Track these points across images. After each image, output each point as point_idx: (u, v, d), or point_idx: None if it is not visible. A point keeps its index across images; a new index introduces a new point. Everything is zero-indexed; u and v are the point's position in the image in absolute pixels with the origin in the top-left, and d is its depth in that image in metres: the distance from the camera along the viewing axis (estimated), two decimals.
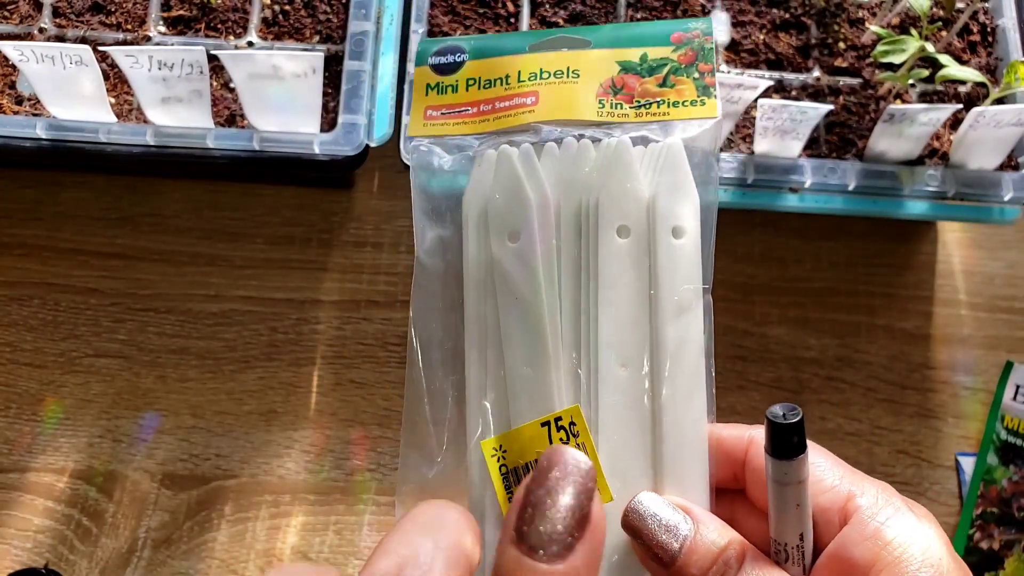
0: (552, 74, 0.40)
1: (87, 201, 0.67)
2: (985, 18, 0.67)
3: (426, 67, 0.41)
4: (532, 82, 0.40)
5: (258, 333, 0.65)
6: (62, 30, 0.62)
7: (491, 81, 0.40)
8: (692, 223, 0.36)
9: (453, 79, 0.41)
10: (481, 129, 0.40)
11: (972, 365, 0.67)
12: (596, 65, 0.39)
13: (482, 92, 0.40)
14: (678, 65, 0.39)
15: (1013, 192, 0.60)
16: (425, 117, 0.41)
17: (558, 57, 0.40)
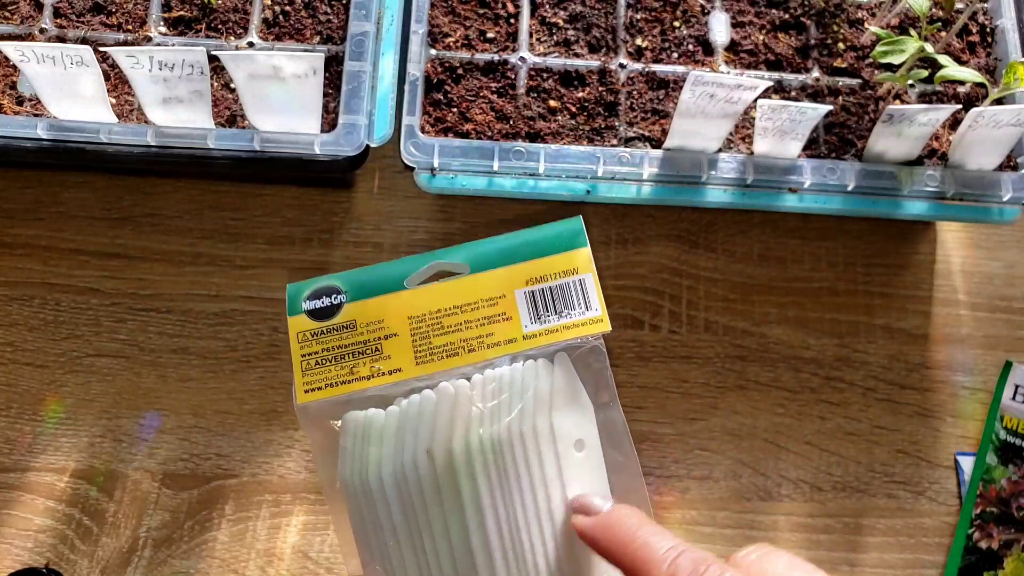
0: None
1: (88, 201, 0.68)
2: (984, 19, 0.67)
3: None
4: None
5: (259, 333, 0.65)
6: (63, 30, 0.62)
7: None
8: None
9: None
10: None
11: (971, 365, 0.67)
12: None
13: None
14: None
15: (1012, 192, 0.60)
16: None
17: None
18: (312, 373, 0.39)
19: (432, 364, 0.39)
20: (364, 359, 0.39)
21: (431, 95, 0.62)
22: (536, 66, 0.63)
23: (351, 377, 0.39)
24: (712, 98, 0.55)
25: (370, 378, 0.39)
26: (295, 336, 0.39)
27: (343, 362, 0.39)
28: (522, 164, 0.59)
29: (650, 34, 0.65)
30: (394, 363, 0.39)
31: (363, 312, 0.39)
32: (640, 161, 0.59)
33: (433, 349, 0.39)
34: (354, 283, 0.40)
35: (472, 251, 0.40)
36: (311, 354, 0.39)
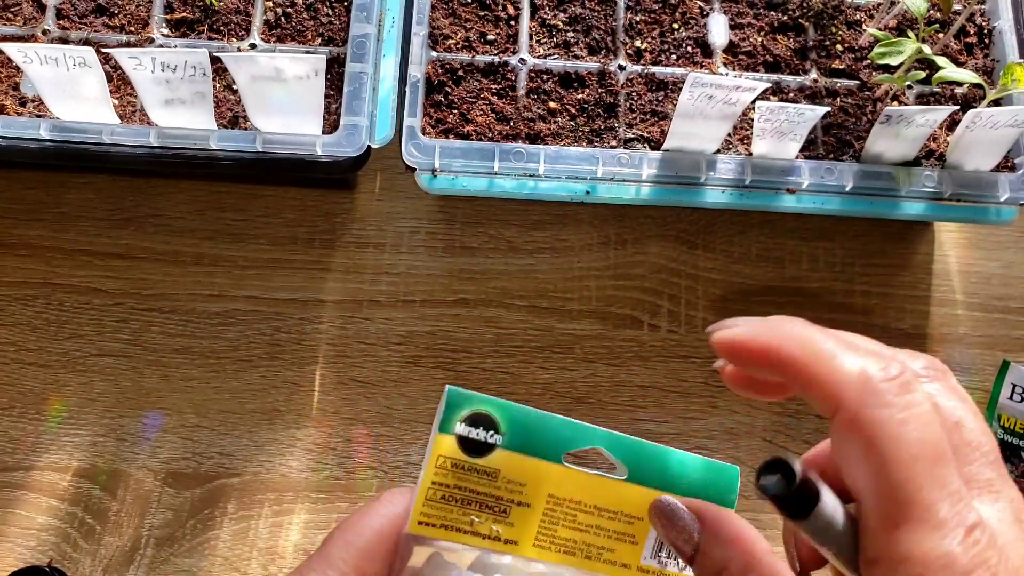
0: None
1: (91, 202, 0.68)
2: (982, 20, 0.67)
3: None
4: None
5: (261, 333, 0.66)
6: (66, 32, 0.63)
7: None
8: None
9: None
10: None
11: (969, 364, 0.68)
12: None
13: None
14: None
15: (1009, 193, 0.60)
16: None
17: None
18: (435, 506, 0.35)
19: (548, 552, 0.36)
20: (489, 515, 0.35)
21: (432, 96, 0.62)
22: (536, 68, 0.64)
23: (469, 528, 0.35)
24: (711, 99, 0.55)
25: (486, 538, 0.35)
26: (436, 458, 0.35)
27: (469, 508, 0.35)
28: (522, 165, 0.59)
29: (649, 36, 0.65)
30: (514, 533, 0.36)
31: (511, 467, 0.35)
32: (639, 162, 0.60)
33: (555, 538, 0.36)
34: (515, 426, 0.35)
35: (637, 457, 0.36)
36: (443, 485, 0.35)
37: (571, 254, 0.69)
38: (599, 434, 0.36)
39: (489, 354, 0.66)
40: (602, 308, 0.67)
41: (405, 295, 0.67)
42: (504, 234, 0.69)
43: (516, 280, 0.68)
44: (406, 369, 0.66)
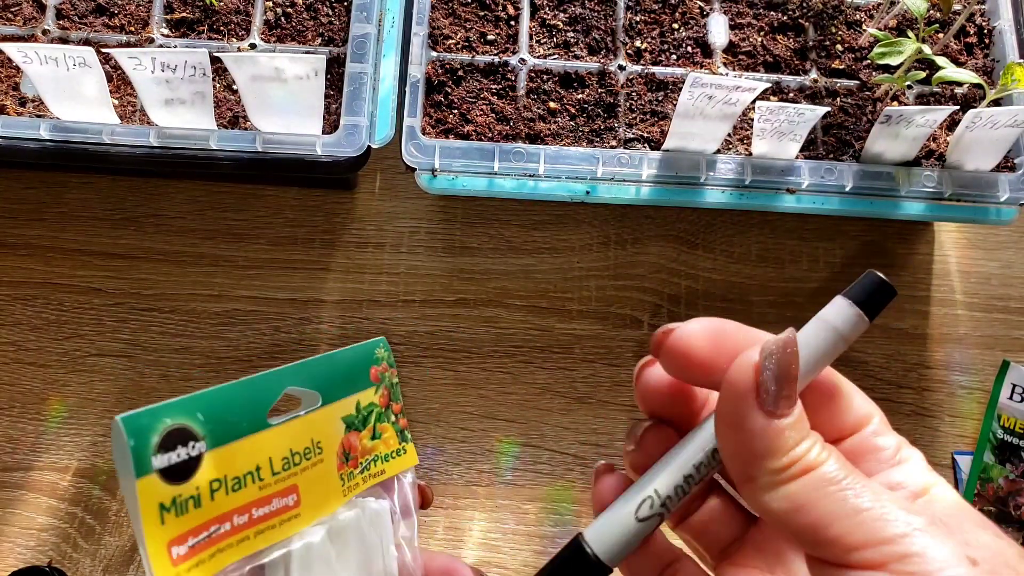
0: (303, 455, 0.34)
1: (91, 202, 0.68)
2: (982, 20, 0.67)
3: (152, 476, 0.29)
4: (287, 472, 0.34)
5: (261, 333, 0.66)
6: (66, 32, 0.63)
7: (241, 480, 0.32)
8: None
9: (192, 487, 0.30)
10: (245, 551, 0.32)
11: (968, 364, 0.68)
12: (328, 429, 0.36)
13: (232, 497, 0.32)
14: (381, 410, 0.38)
15: (1009, 193, 0.60)
16: (172, 560, 0.30)
17: (301, 428, 0.34)
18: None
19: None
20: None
21: (432, 97, 0.62)
22: (536, 68, 0.64)
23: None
24: (711, 99, 0.55)
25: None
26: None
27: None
28: (522, 165, 0.59)
29: (649, 36, 0.65)
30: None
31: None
32: (639, 162, 0.60)
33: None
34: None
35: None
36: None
37: (571, 254, 0.69)
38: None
39: (489, 354, 0.66)
40: (602, 308, 0.67)
41: (405, 295, 0.67)
42: (504, 234, 0.69)
43: (516, 280, 0.68)
44: (406, 369, 0.65)
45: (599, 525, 0.32)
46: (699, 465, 0.31)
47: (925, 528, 0.26)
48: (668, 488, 0.31)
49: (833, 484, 0.27)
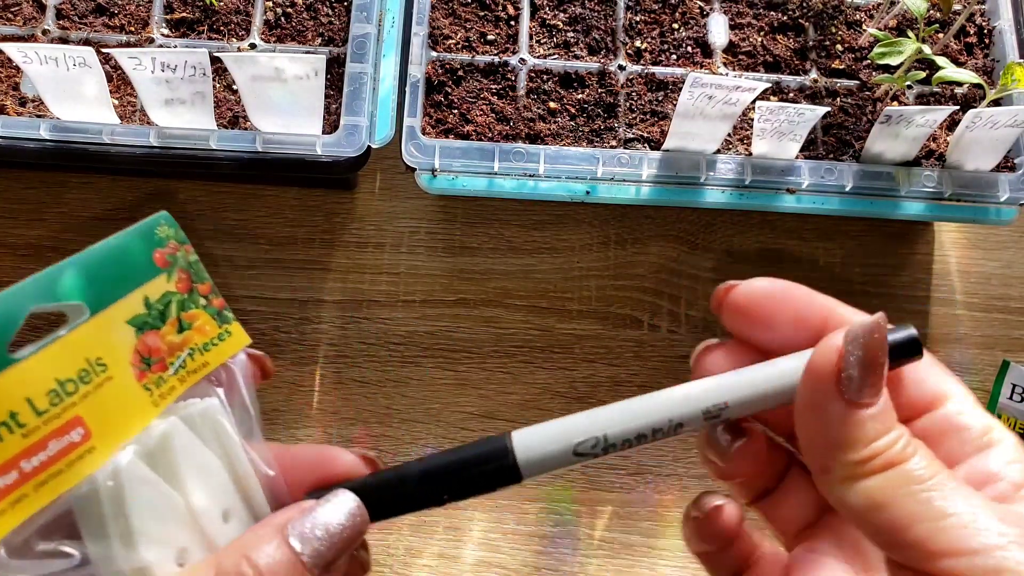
0: (79, 380, 0.30)
1: (91, 202, 0.68)
2: (982, 20, 0.67)
3: None
4: (59, 407, 0.29)
5: (261, 333, 0.66)
6: (65, 32, 0.63)
7: (9, 425, 0.28)
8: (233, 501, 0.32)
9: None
10: (27, 512, 0.28)
11: (968, 364, 0.68)
12: (108, 340, 0.31)
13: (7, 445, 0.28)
14: (182, 297, 0.33)
15: (1009, 193, 0.60)
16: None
17: (65, 351, 0.29)
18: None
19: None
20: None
21: (432, 97, 0.62)
22: (536, 68, 0.64)
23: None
24: (711, 99, 0.55)
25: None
26: None
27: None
28: (522, 165, 0.59)
29: (649, 36, 0.66)
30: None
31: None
32: (639, 162, 0.60)
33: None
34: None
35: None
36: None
37: (571, 254, 0.69)
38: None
39: (489, 354, 0.66)
40: (602, 308, 0.67)
41: (405, 295, 0.67)
42: (504, 234, 0.69)
43: (516, 280, 0.68)
44: (406, 369, 0.66)
45: (533, 435, 0.31)
46: (657, 431, 0.30)
47: (1022, 541, 0.24)
48: (617, 439, 0.30)
49: (917, 483, 0.26)
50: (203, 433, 0.32)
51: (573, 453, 0.30)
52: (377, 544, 0.62)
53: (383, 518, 0.32)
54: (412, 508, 0.32)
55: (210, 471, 0.32)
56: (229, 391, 0.34)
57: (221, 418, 0.32)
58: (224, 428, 0.32)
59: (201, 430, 0.32)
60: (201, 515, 0.31)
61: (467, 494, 0.31)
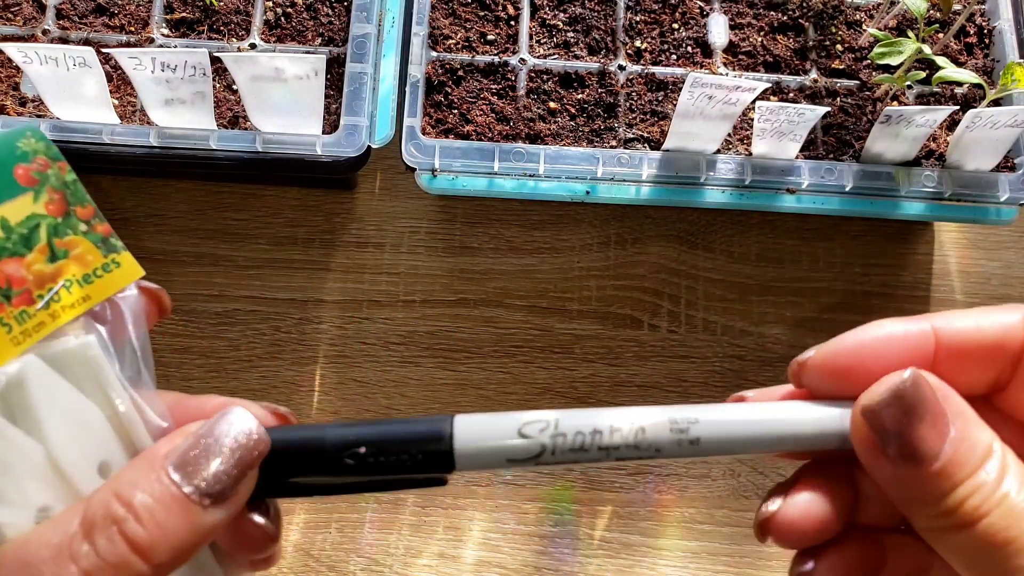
0: None
1: None
2: (982, 20, 0.67)
3: None
4: None
5: (261, 333, 0.66)
6: (65, 32, 0.63)
7: None
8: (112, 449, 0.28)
9: None
10: None
11: None
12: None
13: None
14: (55, 221, 0.29)
15: (1009, 193, 0.60)
16: None
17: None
18: None
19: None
20: None
21: (432, 97, 0.62)
22: (536, 68, 0.64)
23: None
24: (711, 99, 0.55)
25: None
26: None
27: None
28: (522, 165, 0.59)
29: (649, 36, 0.66)
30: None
31: None
32: (639, 162, 0.60)
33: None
34: None
35: None
36: None
37: (571, 254, 0.69)
38: None
39: (489, 354, 0.66)
40: (602, 308, 0.67)
41: (405, 295, 0.67)
42: (504, 234, 0.69)
43: (516, 280, 0.68)
44: (406, 369, 0.66)
45: (478, 420, 0.28)
46: (615, 431, 0.28)
47: None
48: (569, 429, 0.28)
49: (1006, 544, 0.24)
50: (76, 375, 0.28)
51: (517, 435, 0.28)
52: (377, 544, 0.62)
53: (292, 476, 0.28)
54: (325, 471, 0.28)
55: (82, 418, 0.28)
56: (115, 329, 0.29)
57: (100, 358, 0.28)
58: (103, 370, 0.28)
59: (74, 372, 0.28)
60: (69, 469, 0.27)
61: (394, 469, 0.28)
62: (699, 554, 0.62)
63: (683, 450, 0.28)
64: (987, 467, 0.25)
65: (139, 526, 0.24)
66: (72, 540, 0.23)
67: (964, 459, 0.25)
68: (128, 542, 0.24)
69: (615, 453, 0.28)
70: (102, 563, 0.23)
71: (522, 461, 0.27)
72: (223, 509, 0.25)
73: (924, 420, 0.25)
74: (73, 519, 0.24)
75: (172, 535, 0.24)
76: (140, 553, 0.24)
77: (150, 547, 0.24)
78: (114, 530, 0.24)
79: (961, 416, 0.26)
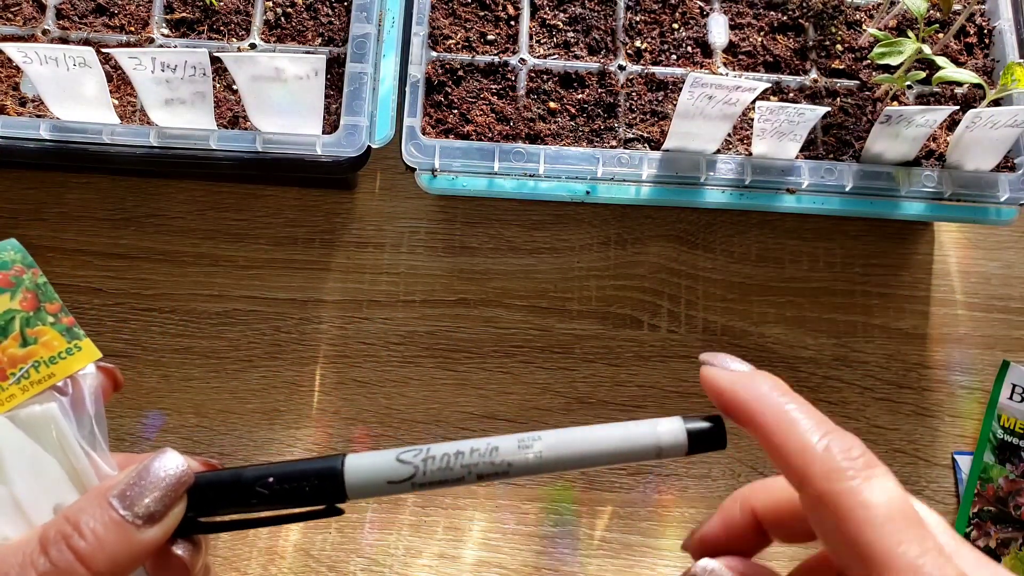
0: None
1: (91, 202, 0.68)
2: (982, 20, 0.67)
3: None
4: None
5: (261, 333, 0.66)
6: (66, 32, 0.63)
7: None
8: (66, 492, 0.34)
9: None
10: None
11: (968, 364, 0.68)
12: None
13: None
14: (27, 315, 0.35)
15: (1009, 193, 0.60)
16: None
17: None
18: None
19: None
20: None
21: (432, 97, 0.62)
22: (536, 68, 0.64)
23: None
24: (711, 99, 0.55)
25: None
26: None
27: None
28: (522, 165, 0.59)
29: (649, 36, 0.66)
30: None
31: None
32: (639, 162, 0.60)
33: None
34: None
35: None
36: None
37: (571, 254, 0.69)
38: None
39: (489, 354, 0.66)
40: (602, 308, 0.67)
41: (405, 295, 0.67)
42: (504, 234, 0.69)
43: (516, 280, 0.68)
44: (406, 369, 0.66)
45: (366, 457, 0.32)
46: (474, 450, 0.31)
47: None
48: (438, 451, 0.32)
49: None
50: (40, 434, 0.34)
51: (396, 460, 0.32)
52: (377, 544, 0.62)
53: (215, 509, 0.33)
54: (242, 502, 0.33)
55: (42, 468, 0.33)
56: (75, 401, 0.35)
57: (60, 421, 0.34)
58: (62, 430, 0.34)
59: (38, 431, 0.34)
60: (28, 507, 0.32)
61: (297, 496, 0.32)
62: None
63: (530, 464, 0.32)
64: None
65: (82, 540, 0.30)
66: (32, 553, 0.30)
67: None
68: (73, 552, 0.29)
69: (475, 470, 0.32)
70: (54, 569, 0.29)
71: (399, 482, 0.32)
72: (153, 530, 0.31)
73: None
74: (34, 538, 0.30)
75: (109, 548, 0.30)
76: (82, 561, 0.29)
77: (90, 557, 0.29)
78: (63, 544, 0.30)
79: None
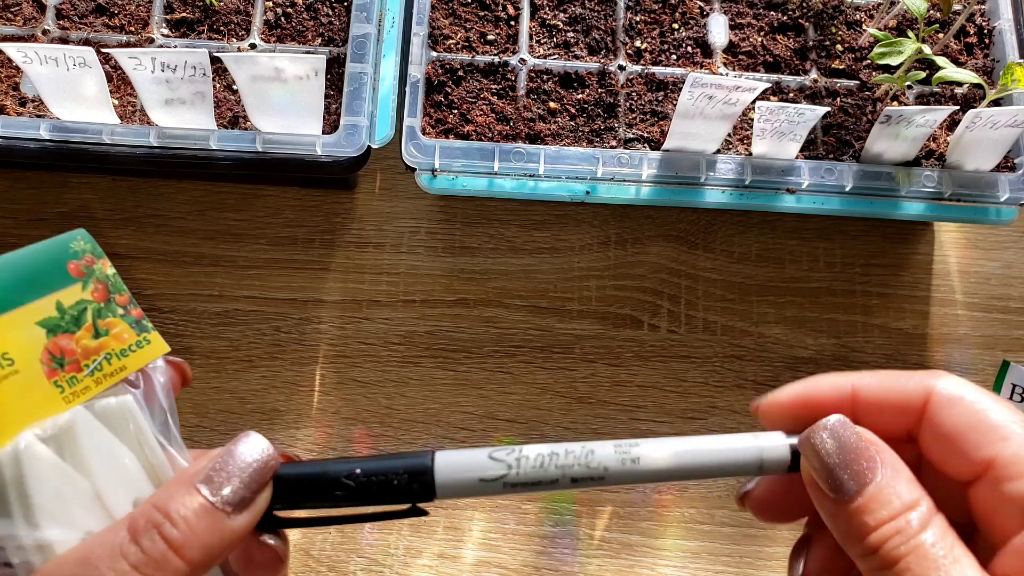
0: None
1: (91, 202, 0.68)
2: (982, 20, 0.67)
3: None
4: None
5: (261, 333, 0.66)
6: (66, 32, 0.63)
7: None
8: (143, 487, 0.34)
9: None
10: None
11: (968, 364, 0.68)
12: (15, 338, 0.33)
13: None
14: (99, 306, 0.36)
15: (1009, 193, 0.60)
16: None
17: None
18: None
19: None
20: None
21: (432, 97, 0.62)
22: (536, 68, 0.64)
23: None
24: (711, 99, 0.55)
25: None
26: None
27: None
28: (522, 165, 0.59)
29: (649, 36, 0.66)
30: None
31: None
32: (639, 162, 0.60)
33: None
34: None
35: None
36: None
37: (571, 254, 0.69)
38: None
39: (489, 354, 0.66)
40: (602, 308, 0.67)
41: (405, 295, 0.67)
42: (504, 234, 0.69)
43: (516, 280, 0.68)
44: (406, 369, 0.66)
45: (455, 454, 0.32)
46: (569, 452, 0.31)
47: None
48: (532, 452, 0.31)
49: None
50: (117, 427, 0.34)
51: (488, 458, 0.32)
52: (377, 544, 0.62)
53: (299, 502, 0.33)
54: (326, 495, 0.33)
55: (121, 461, 0.33)
56: (147, 394, 0.36)
57: (136, 413, 0.34)
58: (139, 423, 0.34)
59: (115, 424, 0.34)
60: (110, 502, 0.32)
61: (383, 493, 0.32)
62: (699, 554, 0.62)
63: (626, 470, 0.32)
64: (910, 515, 0.28)
65: (174, 528, 0.29)
66: (122, 542, 0.29)
67: (885, 501, 0.29)
68: (166, 541, 0.29)
69: (570, 472, 0.32)
70: (147, 559, 0.29)
71: (491, 481, 0.32)
72: (243, 516, 0.31)
73: (849, 459, 0.29)
74: (121, 528, 0.30)
75: (202, 536, 0.29)
76: (176, 550, 0.29)
77: (184, 546, 0.29)
78: (154, 532, 0.29)
79: (892, 468, 0.29)
